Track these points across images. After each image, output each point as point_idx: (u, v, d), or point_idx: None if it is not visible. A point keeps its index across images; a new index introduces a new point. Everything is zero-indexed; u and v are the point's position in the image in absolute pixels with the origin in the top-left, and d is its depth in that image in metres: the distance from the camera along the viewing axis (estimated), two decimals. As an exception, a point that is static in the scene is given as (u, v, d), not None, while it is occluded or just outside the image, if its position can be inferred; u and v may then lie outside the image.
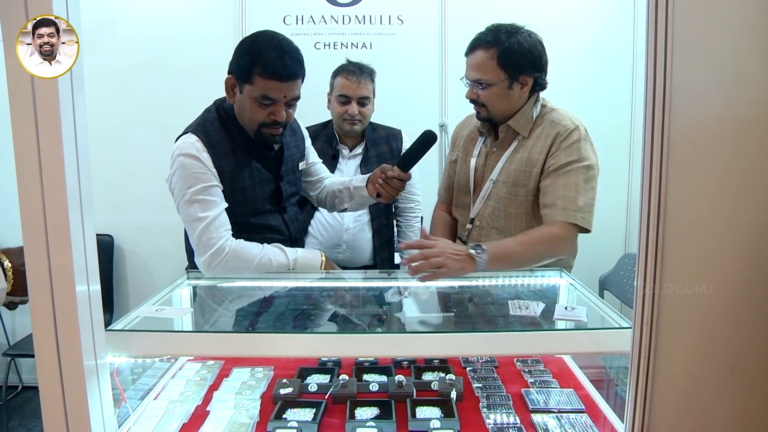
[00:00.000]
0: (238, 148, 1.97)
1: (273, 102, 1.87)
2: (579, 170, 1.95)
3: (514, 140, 2.09)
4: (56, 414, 1.12)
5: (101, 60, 3.52)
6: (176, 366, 1.84)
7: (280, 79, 1.84)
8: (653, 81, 1.11)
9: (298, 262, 1.97)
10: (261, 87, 1.85)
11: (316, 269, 2.00)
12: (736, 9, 1.12)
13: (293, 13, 3.63)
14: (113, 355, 1.29)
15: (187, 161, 1.86)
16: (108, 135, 3.56)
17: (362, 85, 2.73)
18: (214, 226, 1.87)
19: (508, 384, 1.70)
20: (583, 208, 1.93)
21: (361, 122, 2.77)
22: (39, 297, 1.09)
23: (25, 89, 1.04)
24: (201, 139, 1.89)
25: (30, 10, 1.03)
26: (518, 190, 2.04)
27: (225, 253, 1.86)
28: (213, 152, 1.89)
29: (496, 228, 2.11)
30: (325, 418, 1.51)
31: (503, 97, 2.02)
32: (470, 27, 2.17)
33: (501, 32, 1.98)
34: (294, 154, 2.17)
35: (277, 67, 1.83)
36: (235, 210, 1.95)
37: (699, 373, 1.20)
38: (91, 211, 1.14)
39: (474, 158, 2.20)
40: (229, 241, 1.88)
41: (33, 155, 1.05)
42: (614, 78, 3.67)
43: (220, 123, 1.97)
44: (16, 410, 3.64)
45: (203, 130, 1.93)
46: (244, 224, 1.99)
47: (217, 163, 1.90)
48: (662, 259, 1.16)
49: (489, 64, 1.98)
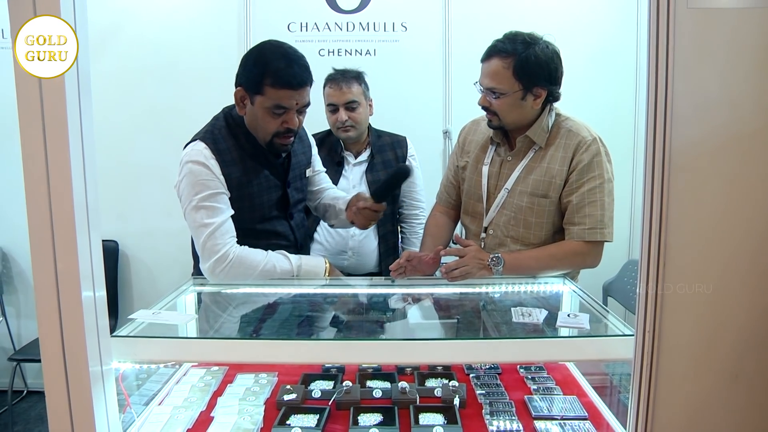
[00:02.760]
0: (246, 156, 1.99)
1: (285, 110, 1.90)
2: (602, 187, 2.00)
3: (530, 150, 2.08)
4: (62, 418, 1.13)
5: (106, 66, 3.54)
6: (180, 372, 1.84)
7: (291, 88, 1.87)
8: (654, 89, 1.13)
9: (302, 268, 1.99)
10: (273, 97, 1.87)
11: (319, 276, 2.01)
12: (739, 20, 1.13)
13: (297, 20, 3.64)
14: (118, 360, 1.30)
15: (195, 168, 1.88)
16: (113, 141, 3.57)
17: (346, 91, 2.73)
18: (220, 232, 1.89)
19: (511, 391, 1.70)
20: (608, 223, 2.01)
21: (354, 127, 2.76)
22: (45, 302, 1.10)
23: (33, 94, 1.06)
24: (209, 147, 1.92)
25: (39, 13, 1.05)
26: (540, 200, 2.05)
27: (229, 259, 1.88)
28: (221, 159, 1.92)
29: (512, 237, 2.11)
30: (329, 424, 1.51)
31: (515, 107, 2.01)
32: (474, 34, 2.19)
33: (519, 42, 1.96)
34: (301, 161, 2.19)
35: (288, 76, 1.86)
36: (243, 216, 1.97)
37: (702, 380, 1.21)
38: (97, 217, 1.15)
39: (486, 166, 2.18)
40: (233, 248, 1.90)
41: (40, 161, 1.07)
42: (619, 84, 3.67)
43: (229, 131, 1.99)
44: (20, 415, 3.65)
45: (212, 137, 1.95)
46: (251, 230, 2.00)
47: (225, 170, 1.92)
48: (664, 266, 1.16)
49: (504, 74, 1.96)
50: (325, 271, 2.03)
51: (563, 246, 2.05)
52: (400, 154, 2.90)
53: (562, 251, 2.04)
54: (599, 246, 2.04)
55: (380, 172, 2.81)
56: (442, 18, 3.66)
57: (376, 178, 2.78)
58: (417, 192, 2.97)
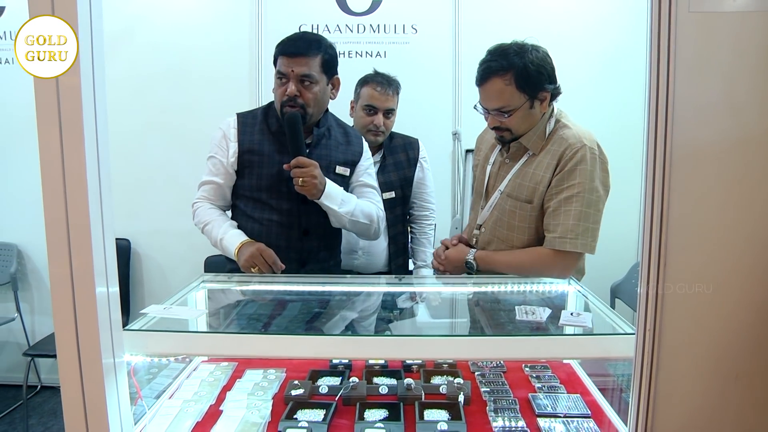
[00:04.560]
0: (267, 129, 2.25)
1: (285, 78, 2.13)
2: (581, 196, 1.93)
3: (524, 154, 2.08)
4: (76, 409, 1.16)
5: (119, 69, 3.59)
6: (191, 367, 1.88)
7: (287, 55, 2.13)
8: (656, 93, 1.14)
9: (221, 243, 2.18)
10: (278, 65, 2.16)
11: (230, 254, 2.16)
12: (741, 24, 1.14)
13: (309, 21, 3.68)
14: (130, 353, 1.33)
15: (216, 133, 2.27)
16: (125, 141, 3.62)
17: (390, 98, 2.75)
18: (201, 188, 2.28)
19: (515, 389, 1.72)
20: (584, 233, 1.93)
21: (384, 134, 2.79)
22: (61, 297, 1.14)
23: (50, 96, 1.09)
24: (238, 118, 2.27)
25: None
26: (523, 205, 2.04)
27: (193, 209, 2.28)
28: (242, 129, 2.24)
29: (498, 238, 2.12)
30: (335, 419, 1.54)
31: (527, 117, 2.00)
32: (483, 36, 2.19)
33: (510, 55, 1.93)
34: (333, 156, 2.27)
35: (288, 44, 2.15)
36: (251, 182, 2.23)
37: (702, 380, 1.22)
38: (111, 215, 1.18)
39: (490, 165, 2.21)
40: (197, 204, 2.28)
41: (57, 162, 1.10)
42: (627, 87, 3.65)
43: (265, 109, 2.30)
44: (35, 409, 3.70)
45: (245, 113, 2.31)
46: (254, 199, 2.24)
47: (241, 136, 2.22)
48: (665, 266, 1.18)
49: (508, 90, 1.94)
50: (234, 253, 2.12)
51: (532, 253, 2.03)
52: (412, 155, 2.92)
53: (530, 259, 2.03)
54: (569, 257, 1.97)
55: (391, 174, 2.83)
56: (452, 20, 3.68)
57: (387, 179, 2.80)
58: (427, 193, 2.98)
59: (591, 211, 1.94)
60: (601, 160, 1.99)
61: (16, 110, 3.58)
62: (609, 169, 2.03)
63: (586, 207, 1.93)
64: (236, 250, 2.10)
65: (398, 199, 2.84)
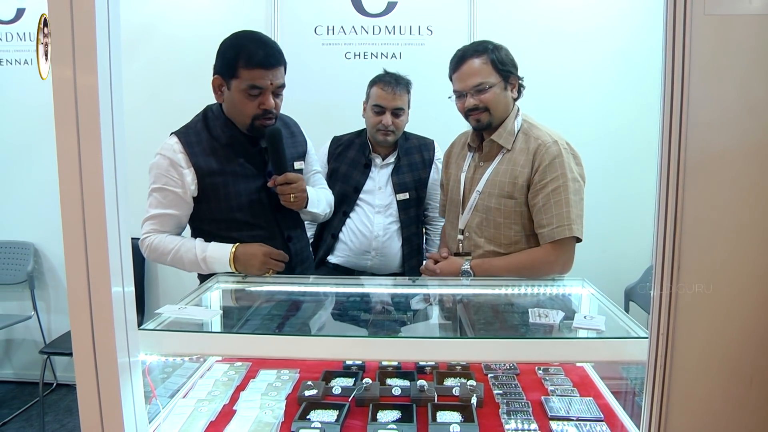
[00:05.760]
0: (219, 145, 2.07)
1: (260, 91, 1.98)
2: (566, 185, 2.02)
3: (498, 153, 2.16)
4: (91, 407, 1.17)
5: (137, 67, 3.63)
6: (205, 366, 1.89)
7: (264, 67, 1.96)
8: (670, 96, 1.15)
9: (207, 260, 2.03)
10: (248, 78, 1.96)
11: (225, 264, 2.03)
12: (758, 26, 1.13)
13: (324, 23, 3.69)
14: (145, 353, 1.34)
15: (160, 160, 2.05)
16: (142, 140, 3.64)
17: (397, 96, 2.75)
18: (149, 222, 2.07)
19: (528, 391, 1.72)
20: (576, 219, 2.02)
21: (394, 133, 2.78)
22: (77, 296, 1.15)
23: (68, 97, 1.10)
24: (180, 140, 2.05)
25: (75, 24, 1.09)
26: (506, 201, 2.10)
27: (144, 246, 2.07)
28: (190, 151, 2.04)
29: (485, 237, 2.16)
30: (348, 419, 1.55)
31: (502, 98, 2.11)
32: (499, 37, 2.20)
33: (486, 44, 2.13)
34: (289, 153, 2.19)
35: (260, 56, 1.96)
36: (219, 205, 2.08)
37: (716, 384, 1.21)
38: (127, 215, 1.20)
39: (463, 173, 2.27)
40: (149, 237, 2.07)
41: (74, 162, 1.11)
42: (643, 86, 3.63)
43: (204, 123, 2.10)
44: (51, 406, 3.74)
45: (184, 131, 2.09)
46: (228, 220, 2.09)
47: (194, 159, 2.03)
48: (679, 269, 1.17)
49: (486, 68, 2.09)
50: (230, 260, 2.03)
51: (531, 254, 2.10)
52: (427, 156, 2.92)
53: (529, 259, 2.09)
54: (567, 248, 2.05)
55: (406, 174, 2.83)
56: (467, 21, 3.67)
57: (401, 180, 2.80)
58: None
59: (577, 198, 2.04)
60: (573, 155, 2.10)
61: (34, 110, 3.62)
62: (582, 162, 2.13)
63: (573, 195, 2.03)
64: (231, 258, 2.02)
65: (413, 200, 2.84)
